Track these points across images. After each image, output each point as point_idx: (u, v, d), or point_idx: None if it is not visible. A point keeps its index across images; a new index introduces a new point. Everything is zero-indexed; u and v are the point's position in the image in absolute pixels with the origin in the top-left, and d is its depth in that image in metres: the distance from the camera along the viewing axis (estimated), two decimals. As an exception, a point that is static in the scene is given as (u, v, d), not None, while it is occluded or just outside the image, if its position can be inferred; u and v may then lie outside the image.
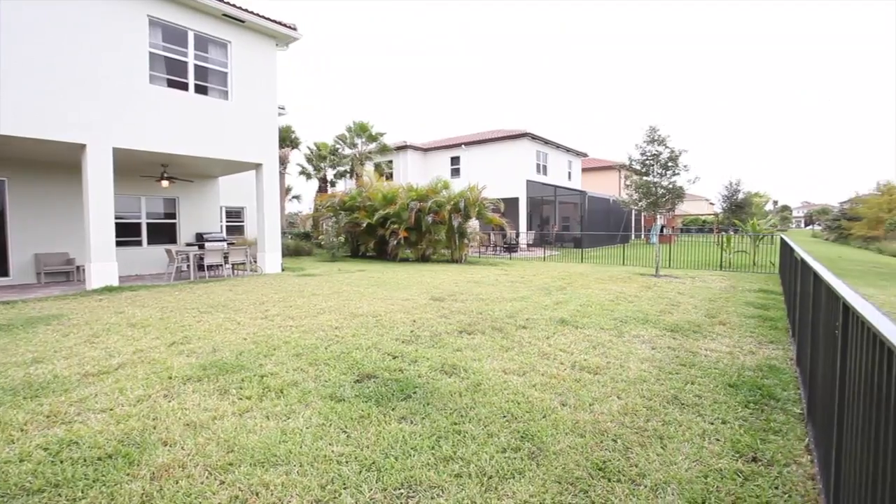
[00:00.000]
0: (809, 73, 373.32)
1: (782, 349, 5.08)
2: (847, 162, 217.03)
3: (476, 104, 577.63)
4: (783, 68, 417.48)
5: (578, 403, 3.51)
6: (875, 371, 1.23)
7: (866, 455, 1.34)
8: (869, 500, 1.29)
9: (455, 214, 15.83)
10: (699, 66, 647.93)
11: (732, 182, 42.87)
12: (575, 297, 8.31)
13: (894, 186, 37.26)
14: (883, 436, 1.16)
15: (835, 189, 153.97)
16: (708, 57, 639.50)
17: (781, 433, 3.10)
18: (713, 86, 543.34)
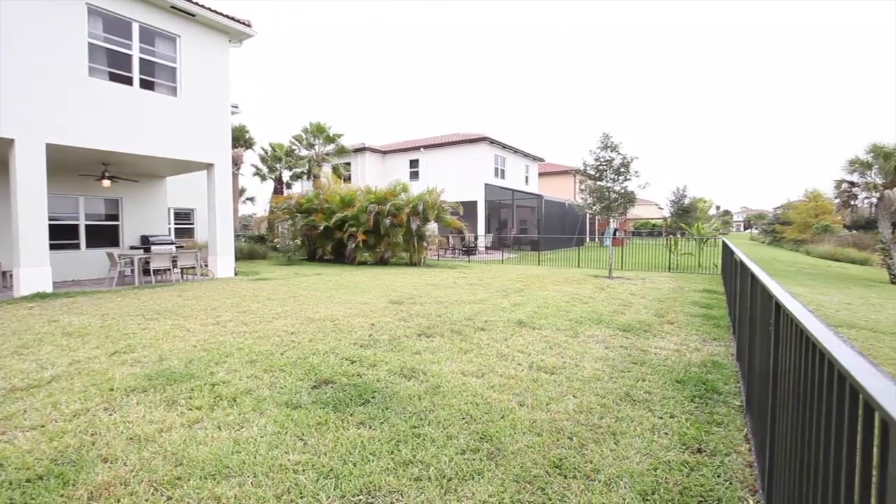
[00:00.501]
0: (750, 84, 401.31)
1: (724, 346, 5.38)
2: (783, 170, 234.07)
3: (435, 108, 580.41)
4: (727, 80, 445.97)
5: (536, 403, 3.58)
6: (802, 363, 1.33)
7: (794, 440, 1.45)
8: (797, 481, 1.40)
9: (414, 217, 15.80)
10: (650, 76, 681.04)
11: (679, 188, 45.08)
12: (532, 298, 8.47)
13: (819, 194, 40.26)
14: (808, 422, 1.25)
15: (771, 195, 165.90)
16: (658, 67, 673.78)
17: (723, 425, 3.28)
18: (662, 95, 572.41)
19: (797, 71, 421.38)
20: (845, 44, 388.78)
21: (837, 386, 0.94)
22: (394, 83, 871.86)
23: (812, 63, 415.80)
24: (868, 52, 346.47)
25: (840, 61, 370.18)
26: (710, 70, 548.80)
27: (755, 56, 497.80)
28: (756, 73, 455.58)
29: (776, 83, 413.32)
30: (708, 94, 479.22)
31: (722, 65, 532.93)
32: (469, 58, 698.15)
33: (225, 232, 12.07)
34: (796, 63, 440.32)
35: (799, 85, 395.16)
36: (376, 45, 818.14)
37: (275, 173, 25.33)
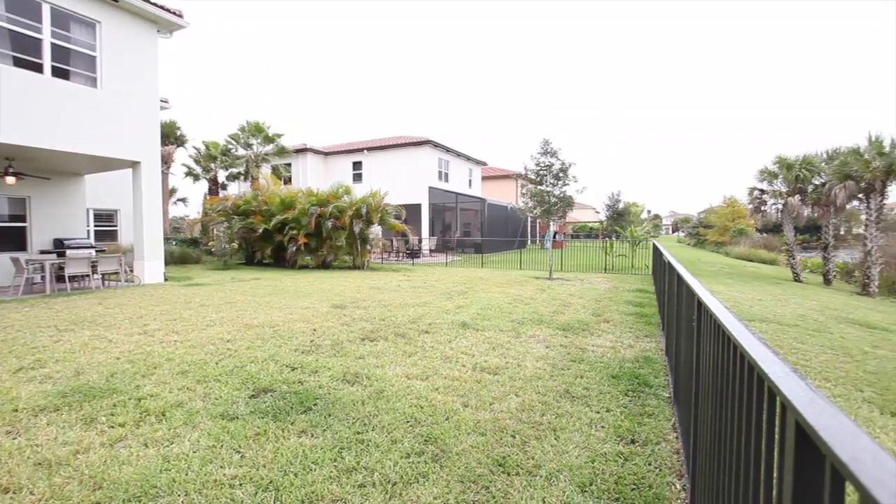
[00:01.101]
0: (679, 93, 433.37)
1: (655, 342, 5.72)
2: (708, 176, 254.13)
3: (378, 110, 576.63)
4: (657, 89, 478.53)
5: (480, 403, 3.63)
6: (719, 355, 1.45)
7: (713, 426, 1.57)
8: (715, 463, 1.51)
9: (357, 220, 15.57)
10: (587, 84, 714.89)
11: (614, 193, 47.56)
12: (476, 300, 8.60)
13: (736, 200, 43.92)
14: (724, 409, 1.36)
15: (696, 200, 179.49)
16: (594, 75, 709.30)
17: (654, 416, 3.49)
18: (598, 103, 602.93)
19: (721, 81, 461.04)
20: (767, 58, 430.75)
21: (748, 375, 1.04)
22: (336, 85, 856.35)
23: (734, 73, 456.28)
24: (786, 66, 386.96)
25: (760, 73, 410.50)
26: (640, 79, 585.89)
27: (683, 67, 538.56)
28: (684, 83, 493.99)
29: (703, 93, 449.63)
30: (640, 102, 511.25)
31: (652, 74, 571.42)
32: (412, 61, 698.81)
33: (153, 235, 11.29)
34: (719, 73, 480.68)
35: (724, 94, 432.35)
36: (316, 49, 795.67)
37: (209, 173, 24.04)
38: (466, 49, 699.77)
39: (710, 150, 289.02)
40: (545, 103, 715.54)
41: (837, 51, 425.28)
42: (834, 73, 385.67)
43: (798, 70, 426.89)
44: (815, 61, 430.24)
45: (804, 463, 0.68)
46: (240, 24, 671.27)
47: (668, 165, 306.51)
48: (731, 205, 44.61)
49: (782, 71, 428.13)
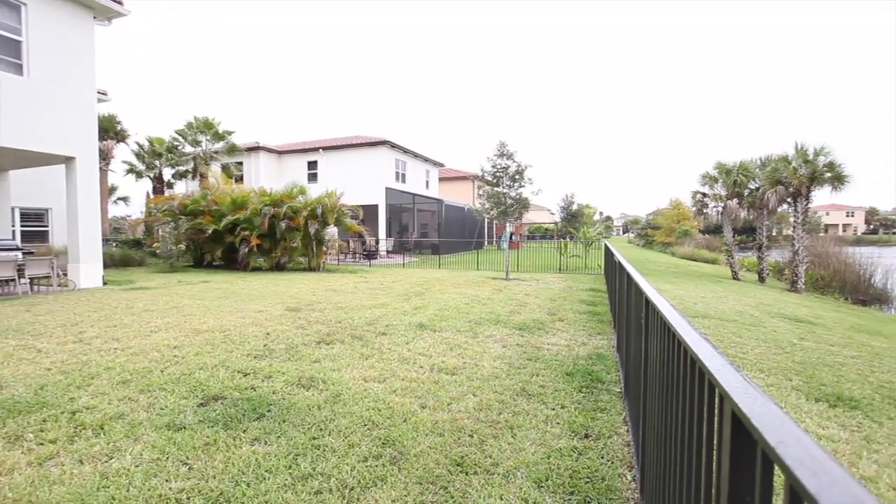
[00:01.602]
0: (630, 95, 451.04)
1: (607, 339, 5.93)
2: (656, 178, 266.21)
3: (334, 109, 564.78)
4: (609, 94, 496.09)
5: (437, 404, 3.64)
6: (665, 351, 1.52)
7: (660, 418, 1.65)
8: (662, 453, 1.59)
9: (312, 221, 15.23)
10: (541, 87, 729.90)
11: (568, 195, 49.04)
12: (433, 301, 8.61)
13: (681, 203, 46.25)
14: (669, 401, 1.44)
15: (645, 202, 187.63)
16: (552, 78, 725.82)
17: (606, 410, 3.62)
18: (555, 105, 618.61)
19: (674, 83, 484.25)
20: (720, 60, 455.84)
21: (691, 369, 1.10)
22: (289, 83, 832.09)
23: (687, 75, 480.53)
24: (738, 68, 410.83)
25: (713, 74, 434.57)
26: (594, 83, 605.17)
27: (636, 70, 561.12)
28: (635, 86, 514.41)
29: (654, 95, 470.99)
30: (593, 105, 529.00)
31: (604, 78, 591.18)
32: (369, 61, 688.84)
33: (90, 236, 10.59)
34: (672, 75, 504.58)
35: (676, 96, 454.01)
36: (269, 45, 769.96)
37: (153, 171, 22.81)
38: (424, 51, 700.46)
39: (660, 152, 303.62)
40: (502, 106, 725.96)
41: (785, 51, 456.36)
42: (783, 75, 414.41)
43: (750, 72, 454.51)
44: (765, 63, 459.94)
45: (739, 448, 0.73)
46: (189, 16, 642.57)
47: (620, 168, 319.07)
48: (676, 207, 46.96)
49: (734, 73, 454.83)
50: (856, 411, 3.87)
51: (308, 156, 26.60)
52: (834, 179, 15.73)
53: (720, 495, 0.82)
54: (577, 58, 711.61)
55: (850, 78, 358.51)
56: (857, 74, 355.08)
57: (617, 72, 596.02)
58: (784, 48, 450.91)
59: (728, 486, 0.76)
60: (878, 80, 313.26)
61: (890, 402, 4.14)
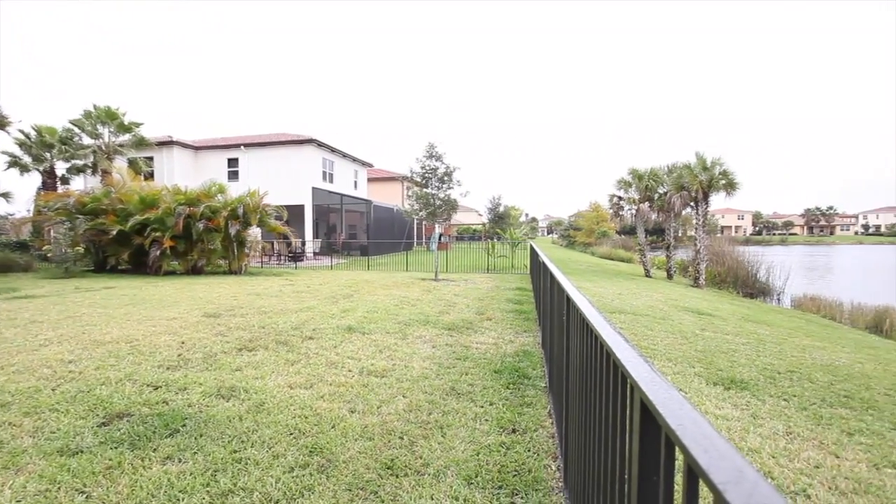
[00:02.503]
0: (556, 99, 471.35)
1: (532, 336, 6.16)
2: (578, 181, 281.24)
3: (255, 106, 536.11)
4: (535, 97, 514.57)
5: (367, 408, 3.58)
6: (584, 345, 1.62)
7: (580, 409, 1.75)
8: (583, 442, 1.69)
9: (233, 221, 14.40)
10: (472, 89, 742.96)
11: (495, 197, 50.33)
12: (362, 304, 8.48)
13: (600, 205, 49.25)
14: (588, 392, 1.53)
15: (568, 204, 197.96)
16: (479, 81, 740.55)
17: (532, 405, 3.76)
18: (483, 108, 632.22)
19: (596, 87, 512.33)
20: (644, 62, 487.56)
21: (606, 361, 1.18)
22: (206, 75, 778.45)
23: (611, 79, 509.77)
24: (661, 71, 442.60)
25: (637, 79, 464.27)
26: (519, 85, 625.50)
27: (560, 75, 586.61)
28: (559, 89, 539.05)
29: (579, 99, 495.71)
30: (520, 108, 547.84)
31: (530, 80, 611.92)
32: (294, 58, 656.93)
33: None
34: (595, 78, 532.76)
35: (599, 99, 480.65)
36: (182, 35, 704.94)
37: (43, 164, 20.32)
38: (352, 50, 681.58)
39: (582, 157, 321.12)
40: (432, 108, 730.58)
41: (709, 52, 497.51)
42: (707, 76, 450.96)
43: (671, 75, 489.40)
44: (690, 65, 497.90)
45: (647, 432, 0.79)
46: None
47: (545, 171, 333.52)
48: (596, 209, 49.94)
49: (658, 77, 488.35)
50: (745, 392, 4.34)
51: (228, 153, 25.11)
52: (727, 186, 17.55)
53: (631, 477, 0.88)
54: (503, 62, 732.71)
55: (739, 95, 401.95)
56: (752, 92, 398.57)
57: (541, 76, 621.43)
58: (694, 54, 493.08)
59: (638, 467, 0.83)
60: (752, 98, 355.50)
61: (771, 382, 4.69)
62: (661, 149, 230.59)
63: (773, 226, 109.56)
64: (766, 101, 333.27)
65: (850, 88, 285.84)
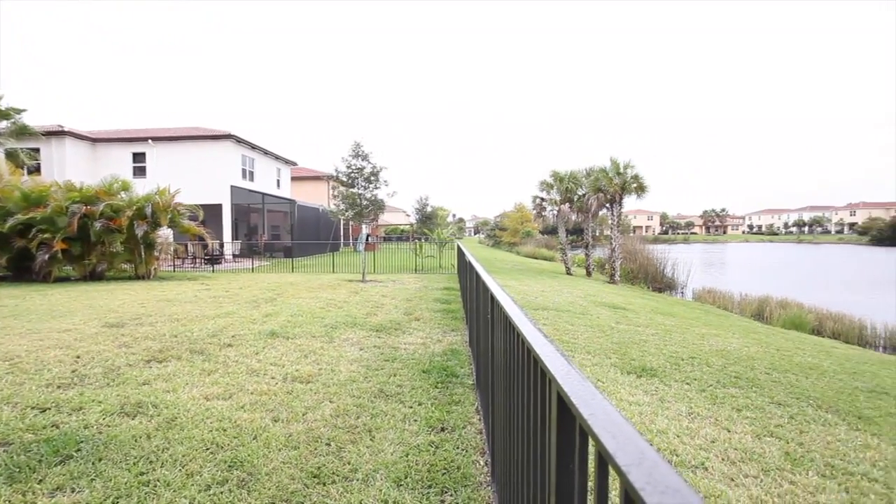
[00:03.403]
0: (479, 100, 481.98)
1: (460, 335, 6.26)
2: (504, 181, 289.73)
3: (165, 97, 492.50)
4: (458, 96, 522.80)
5: (292, 416, 3.44)
6: (507, 342, 1.67)
7: (505, 403, 1.80)
8: (508, 435, 1.74)
9: (139, 222, 13.20)
10: (399, 89, 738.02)
11: (423, 197, 50.56)
12: (286, 307, 8.14)
13: (524, 206, 51.15)
14: (511, 388, 1.58)
15: (494, 205, 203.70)
16: (405, 81, 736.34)
17: (461, 403, 3.81)
18: (409, 109, 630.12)
19: (520, 87, 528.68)
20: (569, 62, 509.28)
21: (527, 356, 1.22)
22: (107, 59, 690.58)
23: (535, 78, 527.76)
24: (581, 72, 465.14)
25: (560, 79, 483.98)
26: (444, 86, 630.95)
27: (485, 77, 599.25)
28: (483, 89, 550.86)
29: (501, 103, 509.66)
30: (445, 108, 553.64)
31: (455, 81, 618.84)
32: (211, 45, 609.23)
33: None
34: (520, 79, 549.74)
35: (520, 104, 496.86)
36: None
37: None
38: (276, 45, 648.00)
39: (508, 158, 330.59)
40: (358, 107, 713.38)
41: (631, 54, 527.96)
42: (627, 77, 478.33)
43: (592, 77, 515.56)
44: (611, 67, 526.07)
45: (563, 423, 0.83)
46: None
47: (472, 172, 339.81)
48: (520, 210, 51.78)
49: (577, 80, 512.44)
50: (654, 378, 4.71)
51: (133, 146, 22.96)
52: (638, 189, 18.98)
53: (550, 466, 0.92)
54: (429, 63, 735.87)
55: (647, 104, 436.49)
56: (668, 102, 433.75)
57: (467, 77, 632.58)
58: (616, 58, 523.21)
59: (555, 456, 0.87)
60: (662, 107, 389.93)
61: (676, 369, 5.14)
62: (581, 150, 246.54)
63: (677, 226, 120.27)
64: (671, 105, 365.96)
65: (741, 97, 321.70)
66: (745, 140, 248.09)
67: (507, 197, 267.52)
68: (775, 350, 6.83)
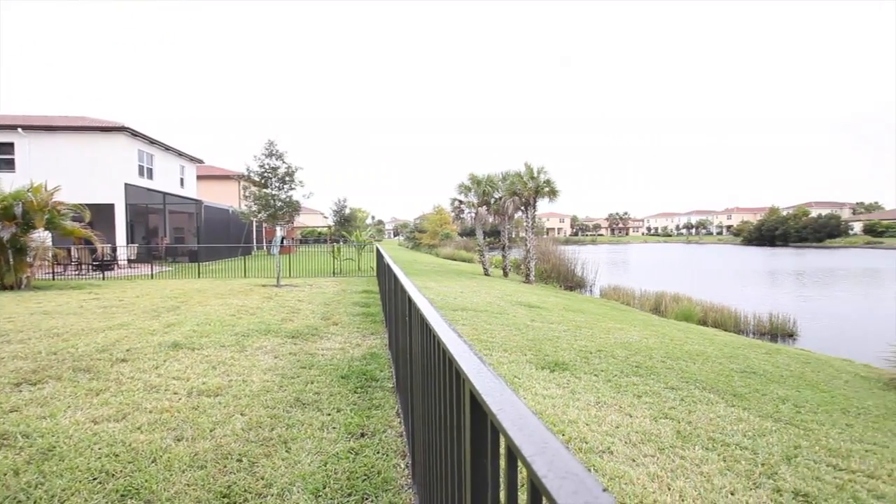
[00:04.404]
0: (399, 98, 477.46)
1: (380, 338, 6.19)
2: (426, 184, 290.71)
3: (42, 80, 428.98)
4: (377, 95, 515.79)
5: (198, 433, 3.19)
6: (424, 344, 1.68)
7: (424, 405, 1.81)
8: (427, 436, 1.75)
9: (6, 223, 11.50)
10: (315, 88, 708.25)
11: (341, 199, 49.41)
12: (191, 316, 7.53)
13: (443, 208, 51.85)
14: (429, 388, 1.59)
15: (413, 207, 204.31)
16: (320, 78, 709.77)
17: (381, 407, 3.77)
18: (326, 108, 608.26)
19: (438, 87, 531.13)
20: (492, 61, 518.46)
21: (442, 357, 1.24)
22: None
23: (456, 78, 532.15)
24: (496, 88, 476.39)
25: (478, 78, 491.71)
26: (365, 83, 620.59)
27: (399, 76, 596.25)
28: (404, 87, 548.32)
29: (419, 105, 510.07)
30: (364, 107, 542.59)
31: (371, 78, 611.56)
32: (103, 32, 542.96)
33: None
34: (437, 78, 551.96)
35: (435, 104, 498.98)
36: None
37: None
38: (179, 34, 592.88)
39: (427, 160, 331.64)
40: (273, 107, 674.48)
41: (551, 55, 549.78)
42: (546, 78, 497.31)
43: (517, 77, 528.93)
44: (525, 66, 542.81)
45: (475, 420, 0.85)
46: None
47: (391, 174, 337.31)
48: (439, 212, 52.41)
49: (495, 83, 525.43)
50: (566, 372, 5.00)
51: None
52: (550, 193, 20.04)
53: (465, 462, 0.94)
54: (347, 64, 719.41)
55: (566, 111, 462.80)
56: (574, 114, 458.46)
57: (386, 80, 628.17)
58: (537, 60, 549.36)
59: (470, 453, 0.89)
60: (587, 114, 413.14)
61: (585, 362, 5.50)
62: (499, 154, 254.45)
63: (586, 228, 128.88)
64: (580, 110, 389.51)
65: (642, 102, 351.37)
66: (645, 145, 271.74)
67: (426, 199, 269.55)
68: (669, 340, 7.55)
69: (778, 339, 12.52)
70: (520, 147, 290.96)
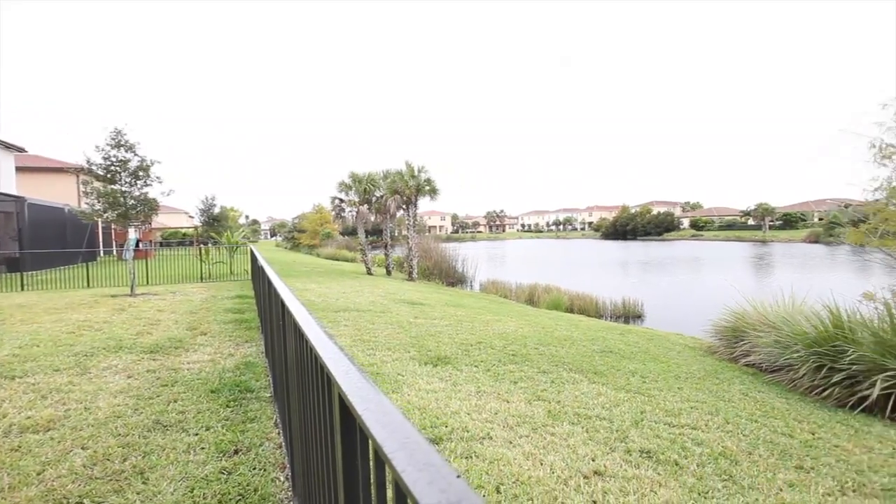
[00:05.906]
0: (269, 97, 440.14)
1: (256, 346, 5.78)
2: (302, 183, 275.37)
3: None
4: (247, 88, 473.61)
5: (18, 480, 2.66)
6: (298, 349, 1.60)
7: (301, 413, 1.73)
8: (304, 445, 1.67)
9: None
10: (182, 80, 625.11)
11: (209, 197, 45.00)
12: (10, 337, 6.26)
13: (323, 207, 50.01)
14: (305, 395, 1.52)
15: (291, 206, 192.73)
16: (180, 69, 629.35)
17: (257, 419, 3.52)
18: (191, 95, 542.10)
19: (304, 83, 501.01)
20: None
21: (314, 361, 1.19)
22: None
23: (320, 74, 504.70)
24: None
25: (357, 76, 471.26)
26: (235, 76, 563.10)
27: (271, 69, 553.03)
28: (277, 85, 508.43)
29: (294, 97, 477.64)
30: (240, 102, 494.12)
31: (236, 70, 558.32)
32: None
33: None
34: (301, 74, 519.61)
35: (316, 100, 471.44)
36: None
37: None
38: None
39: (306, 157, 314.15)
40: (122, 89, 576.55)
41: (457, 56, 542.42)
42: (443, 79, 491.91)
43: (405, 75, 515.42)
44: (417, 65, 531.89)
45: (344, 421, 0.84)
46: None
47: (266, 172, 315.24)
48: (319, 211, 50.47)
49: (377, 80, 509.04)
50: (448, 365, 5.17)
51: None
52: (431, 191, 20.49)
53: (338, 467, 0.92)
54: (220, 55, 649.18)
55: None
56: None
57: (260, 75, 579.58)
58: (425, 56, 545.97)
59: (342, 457, 0.87)
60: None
61: (466, 354, 5.74)
62: (379, 153, 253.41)
63: (466, 225, 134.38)
64: (458, 109, 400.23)
65: (515, 102, 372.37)
66: (519, 143, 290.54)
67: (305, 198, 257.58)
68: (541, 328, 8.22)
69: (630, 320, 14.39)
70: (402, 148, 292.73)
